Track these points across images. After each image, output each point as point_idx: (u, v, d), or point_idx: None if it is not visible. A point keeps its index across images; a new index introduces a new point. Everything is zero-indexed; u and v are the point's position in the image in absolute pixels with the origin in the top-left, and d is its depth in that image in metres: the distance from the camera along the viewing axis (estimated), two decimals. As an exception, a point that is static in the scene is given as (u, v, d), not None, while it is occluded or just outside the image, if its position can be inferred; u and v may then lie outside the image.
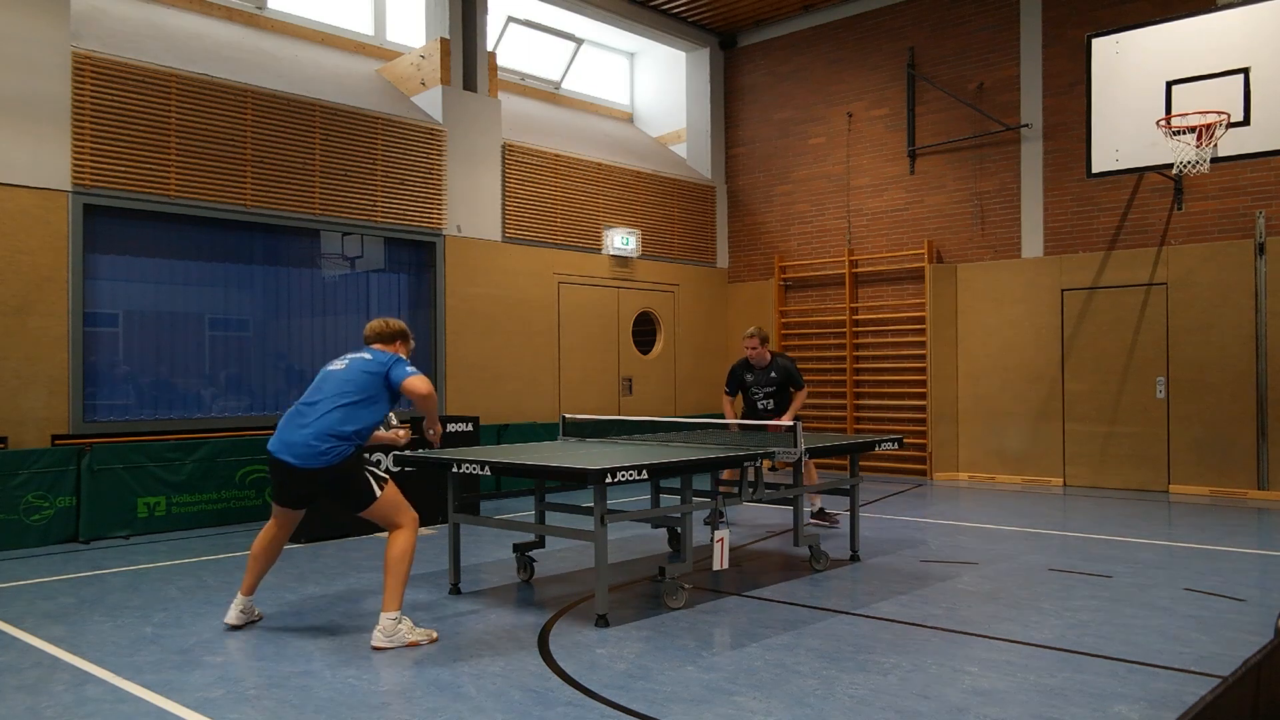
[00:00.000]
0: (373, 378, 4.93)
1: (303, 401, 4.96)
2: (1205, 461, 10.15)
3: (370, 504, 4.85)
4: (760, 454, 5.79)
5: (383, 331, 5.28)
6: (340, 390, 4.89)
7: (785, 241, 13.59)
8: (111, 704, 3.91)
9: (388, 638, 4.65)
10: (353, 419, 4.83)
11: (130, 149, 8.38)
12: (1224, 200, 10.12)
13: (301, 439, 4.79)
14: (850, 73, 12.95)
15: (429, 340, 10.59)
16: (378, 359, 5.01)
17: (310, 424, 4.81)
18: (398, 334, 5.30)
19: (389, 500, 4.89)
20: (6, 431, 7.61)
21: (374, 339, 5.26)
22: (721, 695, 3.97)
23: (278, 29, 10.72)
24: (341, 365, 5.05)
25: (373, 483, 4.86)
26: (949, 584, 6.04)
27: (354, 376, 4.94)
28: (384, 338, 5.26)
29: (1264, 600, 5.57)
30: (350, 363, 5.03)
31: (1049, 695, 3.94)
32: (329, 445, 4.76)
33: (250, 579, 5.13)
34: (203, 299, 9.10)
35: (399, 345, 5.27)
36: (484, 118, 11.12)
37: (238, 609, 5.08)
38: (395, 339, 5.28)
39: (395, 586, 4.72)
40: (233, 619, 5.06)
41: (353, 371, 4.97)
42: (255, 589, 5.17)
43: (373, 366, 4.97)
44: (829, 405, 12.96)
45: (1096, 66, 9.16)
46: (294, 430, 4.84)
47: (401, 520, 4.87)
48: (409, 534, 4.85)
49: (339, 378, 4.96)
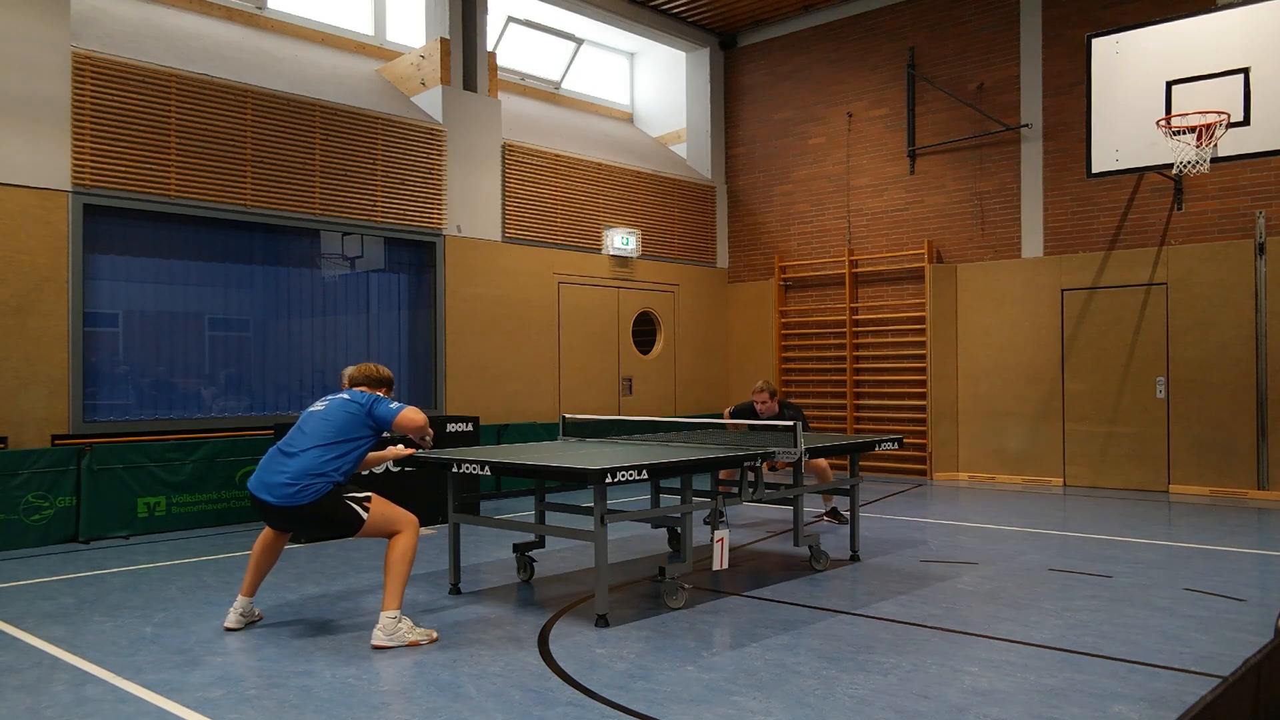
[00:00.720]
0: (353, 417, 4.93)
1: (284, 444, 4.93)
2: (1205, 461, 10.15)
3: (360, 527, 4.84)
4: (760, 454, 5.79)
5: (371, 376, 5.31)
6: (320, 431, 4.88)
7: (785, 241, 13.59)
8: (111, 704, 3.91)
9: (388, 636, 4.65)
10: (332, 458, 4.82)
11: (130, 149, 8.38)
12: (1224, 200, 10.12)
13: (279, 481, 4.77)
14: (850, 73, 12.95)
15: (429, 340, 10.60)
16: (356, 398, 5.02)
17: (289, 466, 4.80)
18: (384, 382, 5.33)
19: (378, 517, 4.86)
20: (6, 431, 7.61)
21: (361, 381, 5.26)
22: (721, 695, 3.97)
23: (278, 29, 10.72)
24: (321, 406, 5.04)
25: (355, 508, 4.83)
26: (949, 584, 6.04)
27: (334, 416, 4.93)
28: (370, 383, 5.28)
29: (1264, 600, 5.57)
30: (330, 403, 5.03)
31: (1049, 695, 3.94)
32: (306, 483, 4.74)
33: (251, 580, 5.13)
34: (203, 299, 9.10)
35: (384, 392, 5.28)
36: (484, 118, 11.12)
37: (237, 612, 5.07)
38: (381, 386, 5.30)
39: (395, 586, 4.72)
40: (232, 622, 5.05)
41: (333, 411, 4.96)
42: (256, 590, 5.16)
43: (352, 407, 4.96)
44: (829, 405, 12.96)
45: (1096, 66, 9.16)
46: (273, 473, 4.82)
47: (399, 527, 4.87)
48: (409, 535, 4.86)
49: (318, 418, 4.96)
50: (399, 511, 4.93)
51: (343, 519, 4.82)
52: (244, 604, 5.10)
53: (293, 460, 4.82)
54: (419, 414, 4.97)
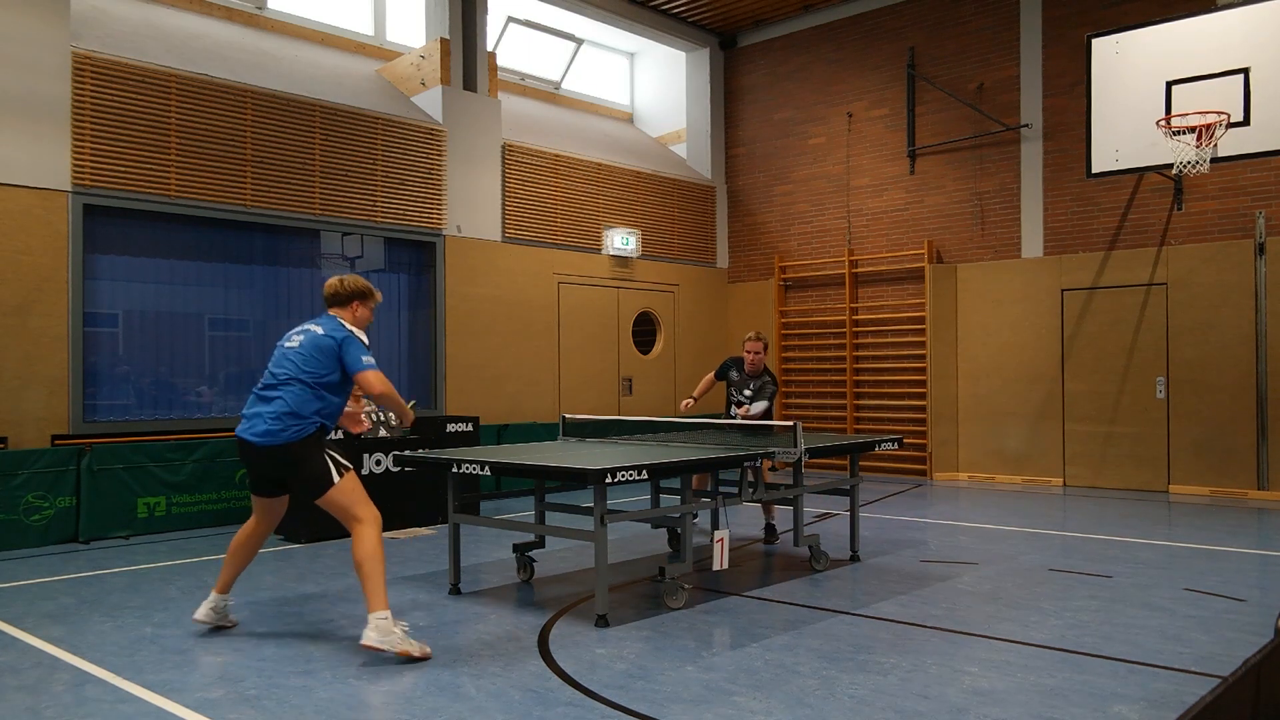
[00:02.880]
0: (325, 355, 4.65)
1: (262, 384, 4.76)
2: (1205, 461, 10.14)
3: (327, 490, 4.58)
4: (760, 454, 5.79)
5: (338, 292, 4.86)
6: (296, 368, 4.66)
7: (785, 241, 13.59)
8: (111, 704, 3.91)
9: (381, 637, 4.38)
10: (312, 398, 4.63)
11: (130, 149, 8.38)
12: (1224, 200, 10.12)
13: (262, 419, 4.63)
14: (850, 73, 12.95)
15: (429, 340, 10.60)
16: (330, 332, 4.70)
17: (271, 405, 4.64)
18: (353, 294, 4.86)
19: (347, 489, 4.61)
20: (6, 431, 7.61)
21: (330, 301, 4.88)
22: (721, 695, 3.97)
23: (278, 29, 10.72)
24: (295, 343, 4.74)
25: (331, 468, 4.61)
26: (949, 584, 6.04)
27: (308, 352, 4.67)
28: (339, 299, 4.86)
29: (1264, 600, 5.57)
30: (305, 337, 4.73)
31: (1049, 695, 3.94)
32: (286, 424, 4.59)
33: (226, 575, 4.96)
34: (203, 299, 9.10)
35: (356, 306, 4.87)
36: (484, 118, 11.12)
37: (209, 606, 4.90)
38: (351, 299, 4.86)
39: (375, 587, 4.46)
40: (202, 615, 4.88)
41: (307, 347, 4.68)
42: (230, 586, 4.99)
43: (324, 341, 4.66)
44: (829, 405, 12.96)
45: (1096, 66, 9.16)
46: (255, 415, 4.68)
47: (360, 513, 4.59)
48: (372, 531, 4.56)
49: (294, 355, 4.70)
50: (367, 498, 4.68)
51: (314, 474, 4.58)
52: (217, 600, 4.92)
53: (272, 402, 4.64)
54: (380, 379, 4.64)
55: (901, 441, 7.18)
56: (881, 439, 7.05)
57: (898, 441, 7.11)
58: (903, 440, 7.23)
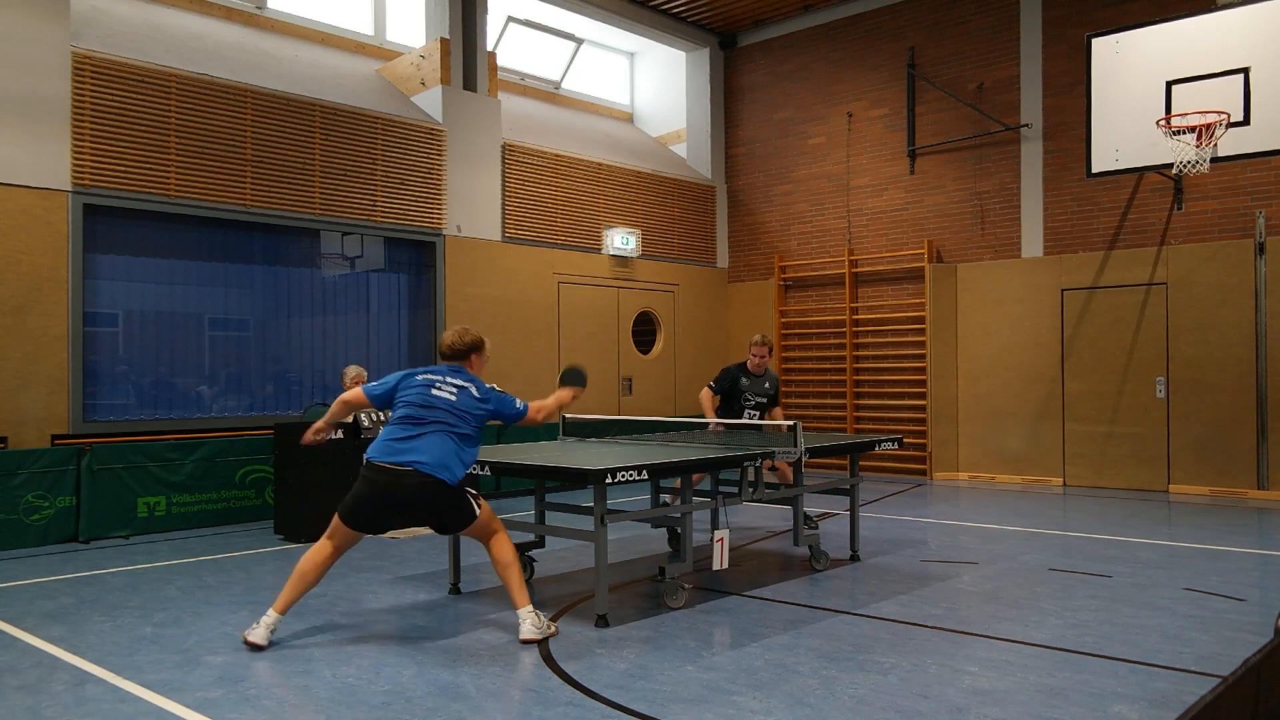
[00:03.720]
0: (483, 417, 4.93)
1: (411, 418, 4.77)
2: (1205, 461, 10.14)
3: (471, 523, 4.87)
4: (760, 454, 5.78)
5: (455, 345, 5.10)
6: (457, 420, 4.81)
7: (785, 241, 13.59)
8: (111, 704, 3.91)
9: (536, 629, 4.75)
10: (470, 450, 4.86)
11: (130, 149, 8.38)
12: (1224, 200, 10.12)
13: (431, 450, 4.68)
14: (850, 73, 12.95)
15: (429, 340, 10.59)
16: (486, 395, 4.95)
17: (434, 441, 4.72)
18: (470, 346, 5.12)
19: (487, 515, 4.93)
20: (6, 431, 7.61)
21: (450, 355, 5.09)
22: (721, 695, 3.97)
23: (278, 29, 10.72)
24: (451, 395, 4.86)
25: (473, 503, 4.87)
26: (949, 584, 6.04)
27: (468, 410, 4.86)
28: (456, 352, 5.09)
29: (1264, 600, 5.57)
30: (460, 395, 4.87)
31: (1049, 695, 3.94)
32: (449, 466, 4.71)
33: (290, 596, 4.73)
34: (203, 299, 9.10)
35: (474, 359, 5.12)
36: (484, 118, 11.12)
37: (267, 628, 4.65)
38: (469, 352, 5.10)
39: (518, 586, 4.86)
40: (258, 638, 4.61)
41: (466, 405, 4.86)
42: (289, 609, 4.78)
43: (482, 408, 4.91)
44: (829, 405, 12.96)
45: (1096, 66, 9.16)
46: (414, 442, 4.70)
47: (497, 526, 4.96)
48: (508, 538, 4.98)
49: (451, 406, 4.83)
50: (494, 513, 5.03)
51: (465, 513, 4.84)
52: (276, 620, 4.70)
53: (426, 440, 4.72)
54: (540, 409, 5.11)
55: (901, 441, 7.18)
56: (881, 439, 7.05)
57: (898, 441, 7.11)
58: (903, 440, 7.23)
